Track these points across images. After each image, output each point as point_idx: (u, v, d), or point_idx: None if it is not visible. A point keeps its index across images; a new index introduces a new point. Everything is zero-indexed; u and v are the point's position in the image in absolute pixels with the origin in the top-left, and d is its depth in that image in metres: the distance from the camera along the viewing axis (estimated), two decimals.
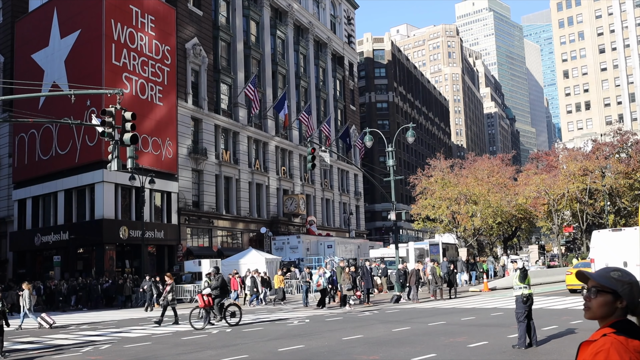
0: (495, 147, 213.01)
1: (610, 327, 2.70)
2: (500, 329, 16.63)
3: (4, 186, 51.26)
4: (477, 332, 16.18)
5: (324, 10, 78.53)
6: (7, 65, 51.75)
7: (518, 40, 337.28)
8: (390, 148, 35.58)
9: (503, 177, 57.00)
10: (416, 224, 61.69)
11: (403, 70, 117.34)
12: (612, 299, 2.75)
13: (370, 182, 64.68)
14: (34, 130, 47.98)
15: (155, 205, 47.22)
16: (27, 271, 47.86)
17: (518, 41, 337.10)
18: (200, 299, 20.51)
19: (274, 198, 61.73)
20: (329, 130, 68.19)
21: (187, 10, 52.18)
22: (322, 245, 49.98)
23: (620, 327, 2.69)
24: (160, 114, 47.40)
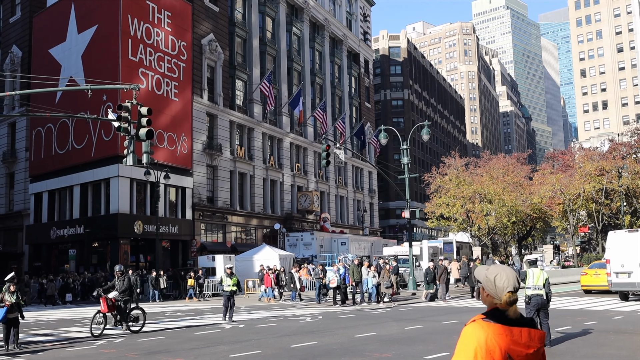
0: (511, 146, 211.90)
1: (482, 314, 3.24)
2: None
3: (21, 180, 51.66)
4: None
5: (340, 7, 78.41)
6: (24, 60, 52.09)
7: (535, 39, 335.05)
8: (405, 146, 35.48)
9: (518, 176, 56.65)
10: (430, 222, 61.45)
11: (419, 68, 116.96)
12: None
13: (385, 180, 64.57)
14: (50, 125, 48.31)
15: (169, 201, 47.42)
16: (43, 264, 48.25)
17: (535, 39, 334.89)
18: (104, 303, 17.90)
19: (288, 194, 61.78)
20: (344, 128, 68.13)
21: (204, 6, 52.29)
22: (335, 242, 50.02)
23: (490, 314, 3.21)
24: (175, 109, 47.56)
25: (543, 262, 57.82)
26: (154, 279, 35.62)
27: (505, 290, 3.22)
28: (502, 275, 3.27)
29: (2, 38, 55.37)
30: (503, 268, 3.35)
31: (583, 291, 29.30)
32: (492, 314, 3.19)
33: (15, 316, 15.71)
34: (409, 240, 36.31)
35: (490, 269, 3.39)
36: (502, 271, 3.30)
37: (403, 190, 37.08)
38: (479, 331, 3.08)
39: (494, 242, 61.61)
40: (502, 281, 3.25)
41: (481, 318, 3.18)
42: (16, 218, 51.75)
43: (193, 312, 26.30)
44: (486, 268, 3.44)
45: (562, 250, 77.42)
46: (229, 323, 20.44)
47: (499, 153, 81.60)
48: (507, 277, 3.26)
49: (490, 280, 3.29)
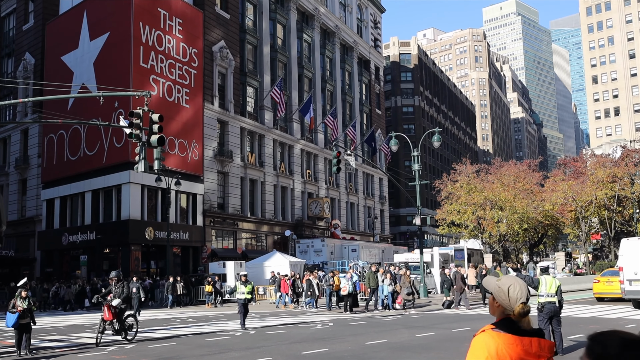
0: (522, 152, 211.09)
1: (492, 324, 3.25)
2: None
3: (33, 186, 51.95)
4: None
5: (351, 14, 78.52)
6: (37, 67, 52.46)
7: (546, 45, 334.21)
8: (415, 152, 35.42)
9: (530, 183, 56.43)
10: (441, 229, 61.27)
11: (429, 75, 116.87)
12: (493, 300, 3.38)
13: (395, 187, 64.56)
14: (62, 131, 48.58)
15: (180, 207, 47.54)
16: (54, 270, 48.44)
17: (546, 46, 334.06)
18: (108, 311, 17.39)
19: (298, 201, 61.80)
20: (355, 134, 68.14)
21: (215, 14, 52.52)
22: (346, 249, 49.94)
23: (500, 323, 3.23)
24: (186, 116, 47.73)
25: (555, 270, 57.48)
26: (171, 284, 35.49)
27: (518, 301, 3.25)
28: (516, 286, 3.29)
29: (16, 45, 55.80)
30: (515, 279, 3.37)
31: (595, 299, 29.07)
32: (503, 324, 3.20)
33: (27, 322, 15.77)
34: (420, 247, 36.19)
35: (502, 280, 3.41)
36: (515, 282, 3.32)
37: (414, 197, 36.99)
38: (489, 341, 3.11)
39: (505, 249, 61.34)
40: (516, 292, 3.27)
41: (491, 328, 3.20)
42: (28, 224, 52.00)
43: (204, 319, 26.32)
44: (497, 278, 3.46)
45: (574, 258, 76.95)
46: (240, 330, 20.41)
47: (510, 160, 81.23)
48: (520, 288, 3.29)
49: (503, 291, 3.30)
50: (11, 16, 57.39)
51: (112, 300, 17.56)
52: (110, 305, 17.39)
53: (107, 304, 17.46)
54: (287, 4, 63.81)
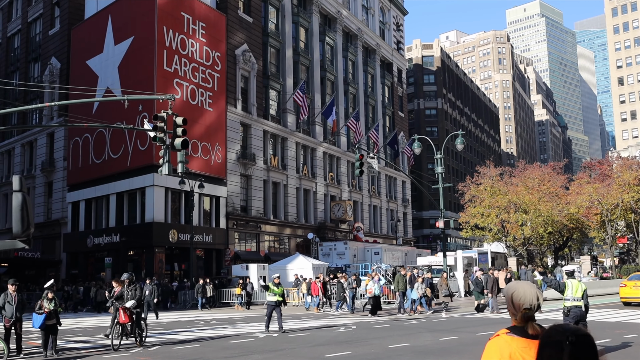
0: (547, 155, 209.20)
1: (507, 329, 3.35)
2: None
3: (59, 189, 52.54)
4: None
5: (373, 16, 78.45)
6: (63, 71, 53.08)
7: (571, 47, 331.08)
8: (438, 155, 35.27)
9: (554, 186, 55.81)
10: (464, 232, 60.85)
11: (452, 77, 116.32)
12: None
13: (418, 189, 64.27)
14: (87, 135, 49.09)
15: (204, 210, 47.77)
16: (80, 272, 48.92)
17: (571, 47, 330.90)
18: (123, 314, 17.12)
19: (321, 204, 61.79)
20: (377, 137, 68.01)
21: (237, 17, 52.76)
22: (369, 252, 49.84)
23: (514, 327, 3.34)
24: (209, 119, 47.98)
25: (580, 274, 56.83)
26: (201, 287, 35.53)
27: (521, 307, 3.33)
28: (519, 292, 3.37)
29: (42, 50, 56.53)
30: (521, 284, 3.44)
31: (622, 303, 28.67)
32: (517, 328, 3.30)
33: (54, 323, 15.93)
34: (443, 250, 36.02)
35: (509, 286, 3.49)
36: (520, 288, 3.40)
37: (437, 200, 36.82)
38: (503, 345, 3.22)
39: (529, 252, 60.75)
40: (519, 298, 3.36)
41: (505, 332, 3.30)
42: (54, 226, 52.60)
43: (227, 321, 26.40)
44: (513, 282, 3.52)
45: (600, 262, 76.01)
46: (263, 332, 20.43)
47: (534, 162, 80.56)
48: (523, 293, 3.36)
49: (508, 298, 3.41)
50: (38, 21, 58.16)
51: (126, 302, 17.28)
52: (125, 308, 17.12)
53: (122, 307, 17.14)
54: (309, 7, 63.92)
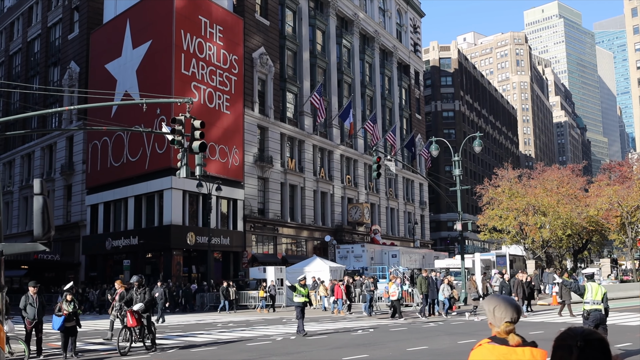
0: (565, 157, 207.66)
1: (488, 338, 3.63)
2: None
3: (78, 192, 52.97)
4: (546, 346, 15.67)
5: (390, 19, 78.35)
6: (82, 75, 53.52)
7: (590, 48, 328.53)
8: (456, 157, 35.13)
9: (573, 188, 55.34)
10: (482, 234, 60.47)
11: (470, 79, 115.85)
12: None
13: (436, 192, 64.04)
14: (106, 138, 49.45)
15: (221, 212, 47.93)
16: (98, 274, 49.26)
17: (590, 48, 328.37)
18: (131, 317, 16.66)
19: (338, 206, 61.77)
20: (394, 139, 67.87)
21: (255, 20, 52.93)
22: (386, 255, 49.72)
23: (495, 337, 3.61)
24: (227, 122, 48.15)
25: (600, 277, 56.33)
26: (225, 289, 35.41)
27: (502, 321, 3.60)
28: (501, 307, 3.63)
29: (61, 54, 57.07)
30: (502, 299, 3.70)
31: None
32: (497, 338, 3.57)
33: (73, 325, 16.04)
34: (461, 252, 35.84)
35: (488, 300, 3.75)
36: (501, 302, 3.65)
37: (454, 202, 36.67)
38: (486, 354, 3.51)
39: (548, 255, 60.29)
40: (501, 312, 3.62)
41: (487, 342, 3.58)
42: (73, 229, 53.03)
43: (244, 323, 26.45)
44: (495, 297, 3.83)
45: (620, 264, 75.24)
46: (280, 335, 20.46)
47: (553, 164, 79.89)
48: (505, 308, 3.62)
49: (490, 311, 3.66)
50: (57, 26, 58.73)
51: (134, 305, 16.90)
52: (133, 311, 16.69)
53: (130, 310, 16.75)
54: (326, 9, 63.99)
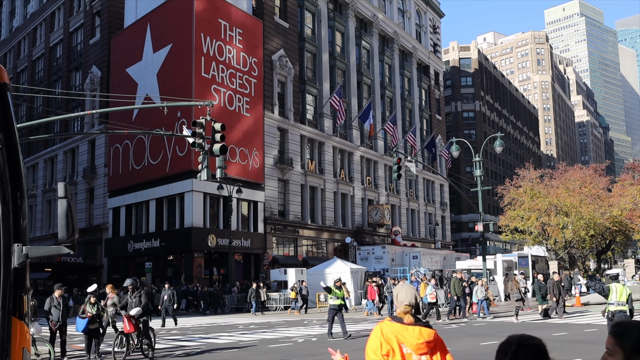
0: (588, 156, 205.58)
1: (390, 317, 4.57)
2: (595, 346, 15.92)
3: (100, 195, 53.42)
4: (570, 348, 15.58)
5: (409, 19, 78.16)
6: (103, 79, 53.99)
7: (612, 46, 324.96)
8: (477, 158, 34.95)
9: (596, 188, 54.79)
10: (504, 235, 60.05)
11: (490, 79, 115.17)
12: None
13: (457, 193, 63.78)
14: (127, 141, 49.84)
15: (242, 214, 48.07)
16: (121, 277, 49.58)
17: (612, 47, 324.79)
18: (127, 322, 15.51)
19: (358, 208, 61.70)
20: (415, 140, 67.66)
21: (274, 23, 53.07)
22: (407, 256, 49.56)
23: (394, 317, 4.52)
24: (247, 124, 48.31)
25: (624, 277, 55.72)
26: (254, 291, 35.37)
27: (402, 304, 4.46)
28: (402, 292, 4.50)
29: (83, 59, 57.61)
30: (405, 286, 4.61)
31: None
32: (396, 317, 4.49)
33: (96, 327, 16.18)
34: (483, 253, 35.65)
35: (396, 287, 4.79)
36: (404, 289, 4.55)
37: (475, 203, 36.48)
38: (383, 326, 4.45)
39: (571, 256, 59.74)
40: (402, 296, 4.48)
41: (388, 319, 4.50)
42: (95, 232, 53.48)
43: (266, 325, 26.51)
44: (399, 285, 4.94)
45: None
46: (302, 337, 20.46)
47: (575, 164, 79.16)
48: (406, 293, 4.49)
49: (395, 295, 4.57)
50: (79, 31, 59.30)
51: (130, 310, 15.67)
52: (130, 316, 15.52)
53: (127, 315, 15.57)
54: (345, 11, 63.98)
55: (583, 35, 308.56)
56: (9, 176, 5.01)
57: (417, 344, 4.34)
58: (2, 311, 4.85)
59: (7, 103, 5.19)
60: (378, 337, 4.42)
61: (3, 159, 5.01)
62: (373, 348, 4.42)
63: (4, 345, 4.82)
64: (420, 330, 4.38)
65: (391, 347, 4.36)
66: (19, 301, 4.98)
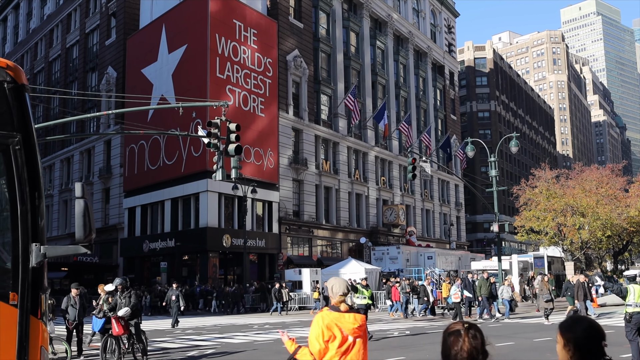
0: (604, 156, 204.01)
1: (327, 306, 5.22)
2: (612, 347, 15.72)
3: (116, 195, 53.73)
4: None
5: (424, 19, 77.95)
6: (119, 80, 54.29)
7: (629, 45, 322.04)
8: (492, 158, 34.78)
9: (613, 188, 54.28)
10: (519, 235, 59.64)
11: (505, 79, 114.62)
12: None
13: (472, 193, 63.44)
14: (143, 142, 50.09)
15: (256, 214, 48.16)
16: (136, 276, 49.86)
17: (629, 46, 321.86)
18: (116, 324, 14.42)
19: (373, 208, 61.63)
20: (429, 140, 67.45)
21: (288, 23, 53.13)
22: (422, 256, 49.41)
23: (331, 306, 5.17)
24: (262, 124, 48.40)
25: None
26: (277, 290, 35.13)
27: (337, 294, 5.17)
28: (337, 285, 5.22)
29: (99, 60, 57.98)
30: (337, 280, 5.32)
31: None
32: (333, 307, 5.13)
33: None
34: (498, 254, 35.47)
35: (329, 280, 5.36)
36: (337, 282, 5.27)
37: (491, 204, 36.31)
38: (323, 315, 5.05)
39: (587, 256, 59.28)
40: (337, 288, 5.20)
41: (327, 309, 5.12)
42: (111, 231, 53.79)
43: (280, 325, 26.53)
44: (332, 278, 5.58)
45: None
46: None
47: (591, 164, 78.56)
48: (339, 285, 5.22)
49: (330, 288, 5.24)
50: (95, 32, 59.68)
51: (119, 311, 14.68)
52: (119, 317, 14.48)
53: (115, 316, 14.55)
54: (360, 11, 63.93)
55: (599, 34, 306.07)
56: (27, 176, 5.06)
57: (352, 329, 5.01)
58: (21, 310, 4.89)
59: (26, 104, 5.24)
60: (320, 326, 4.98)
61: (22, 160, 5.06)
62: (315, 335, 4.98)
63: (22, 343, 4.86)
64: (354, 316, 5.09)
65: (332, 333, 4.96)
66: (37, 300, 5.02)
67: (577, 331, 3.30)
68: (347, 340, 4.97)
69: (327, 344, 4.93)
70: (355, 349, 5.03)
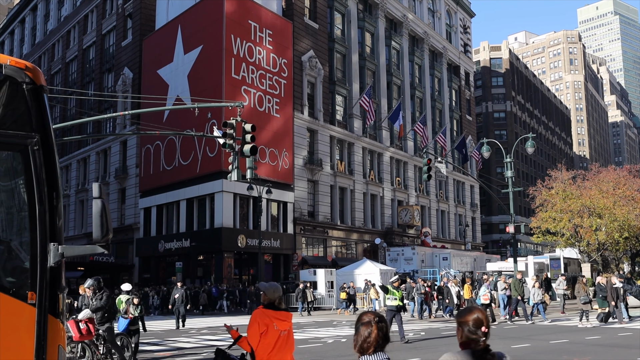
0: (622, 157, 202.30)
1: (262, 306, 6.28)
2: (629, 350, 15.69)
3: (132, 195, 54.03)
4: (603, 352, 15.36)
5: (439, 19, 77.74)
6: (135, 81, 54.60)
7: None
8: (508, 159, 34.60)
9: (630, 190, 53.73)
10: (535, 237, 59.24)
11: (521, 79, 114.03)
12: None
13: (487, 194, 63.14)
14: (159, 142, 50.34)
15: (271, 215, 48.24)
16: (152, 276, 50.16)
17: None
18: (73, 328, 12.58)
19: (388, 209, 61.53)
20: (445, 141, 67.25)
21: (303, 24, 53.18)
22: (437, 257, 49.27)
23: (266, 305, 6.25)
24: (277, 125, 48.47)
25: None
26: (301, 291, 34.93)
27: (276, 295, 6.25)
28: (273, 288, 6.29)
29: (115, 61, 58.36)
30: (274, 285, 6.35)
31: None
32: (268, 305, 6.19)
33: (136, 328, 16.25)
34: (514, 255, 35.28)
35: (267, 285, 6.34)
36: (273, 287, 6.31)
37: (506, 205, 36.13)
38: (260, 313, 6.12)
39: (604, 258, 58.78)
40: (273, 291, 6.27)
41: (262, 307, 6.17)
42: (127, 231, 54.10)
43: (295, 326, 26.51)
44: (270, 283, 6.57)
45: None
46: (331, 337, 20.46)
47: (608, 165, 77.90)
48: (275, 289, 6.29)
49: (268, 290, 6.26)
50: (111, 33, 60.08)
51: (79, 314, 13.39)
52: (77, 320, 12.79)
53: (73, 320, 12.82)
54: (375, 12, 63.88)
55: (617, 34, 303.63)
56: (45, 177, 5.10)
57: (283, 323, 6.14)
58: (39, 309, 4.94)
59: (44, 105, 5.29)
60: (257, 322, 6.07)
61: (40, 160, 5.10)
62: (253, 330, 6.08)
63: (40, 342, 4.90)
64: (286, 314, 6.23)
65: (267, 327, 6.04)
66: (55, 299, 5.06)
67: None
68: (277, 333, 6.09)
69: (262, 335, 6.04)
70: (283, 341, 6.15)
